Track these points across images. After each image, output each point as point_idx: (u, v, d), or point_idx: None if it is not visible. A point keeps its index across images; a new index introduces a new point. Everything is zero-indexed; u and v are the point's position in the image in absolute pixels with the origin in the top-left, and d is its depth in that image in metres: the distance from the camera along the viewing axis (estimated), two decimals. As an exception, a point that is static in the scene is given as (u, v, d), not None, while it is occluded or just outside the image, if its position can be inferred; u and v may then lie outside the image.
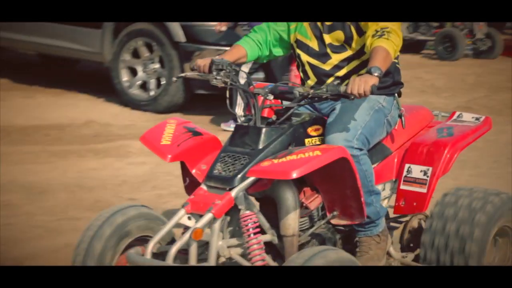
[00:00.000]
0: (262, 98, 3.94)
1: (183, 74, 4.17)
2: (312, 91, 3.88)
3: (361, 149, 3.99)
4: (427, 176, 4.26)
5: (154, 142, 4.01)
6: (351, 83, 3.76)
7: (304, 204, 4.05)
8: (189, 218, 3.77)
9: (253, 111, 3.94)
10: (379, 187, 4.34)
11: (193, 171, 4.02)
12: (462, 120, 4.56)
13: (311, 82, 4.25)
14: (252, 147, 3.85)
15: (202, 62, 4.19)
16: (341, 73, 4.17)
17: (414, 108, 4.64)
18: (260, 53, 4.38)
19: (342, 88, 3.79)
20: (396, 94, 4.31)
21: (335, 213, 3.98)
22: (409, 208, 4.30)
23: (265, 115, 3.93)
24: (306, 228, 4.06)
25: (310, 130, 3.99)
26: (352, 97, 3.76)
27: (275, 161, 3.67)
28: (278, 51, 4.41)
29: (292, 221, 3.88)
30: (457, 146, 4.29)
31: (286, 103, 3.99)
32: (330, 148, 3.76)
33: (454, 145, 4.28)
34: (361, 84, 3.74)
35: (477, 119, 4.54)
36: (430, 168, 4.26)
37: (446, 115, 4.71)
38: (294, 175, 3.58)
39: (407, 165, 4.33)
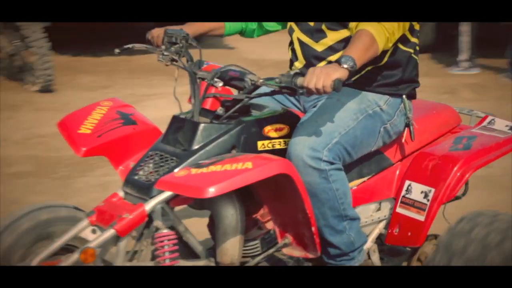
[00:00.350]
0: (206, 84, 3.08)
1: (129, 45, 3.34)
2: (261, 80, 2.99)
3: (332, 163, 3.06)
4: (428, 200, 3.27)
5: (71, 129, 3.21)
6: (309, 73, 2.84)
7: (258, 223, 3.19)
8: (93, 231, 2.99)
9: (192, 101, 3.09)
10: (373, 206, 3.41)
11: (119, 169, 3.21)
12: (492, 128, 3.52)
13: (299, 64, 3.35)
14: (184, 147, 3.00)
15: (157, 32, 3.38)
16: (335, 57, 3.24)
17: (435, 107, 3.64)
18: (243, 26, 3.53)
19: (299, 80, 2.87)
20: (404, 96, 3.32)
21: (286, 240, 3.09)
22: (402, 239, 3.33)
23: (207, 106, 3.07)
24: (258, 254, 3.20)
25: (268, 130, 3.09)
26: (301, 91, 2.84)
27: (193, 171, 2.81)
28: (271, 25, 3.56)
29: (231, 246, 3.02)
30: (471, 164, 3.27)
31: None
32: (267, 160, 2.86)
33: (467, 163, 3.27)
34: (320, 76, 2.81)
35: (511, 128, 3.50)
36: (433, 190, 3.27)
37: (482, 115, 3.68)
38: (210, 193, 2.71)
39: (407, 182, 3.36)
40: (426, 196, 3.28)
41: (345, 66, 2.84)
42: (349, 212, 3.16)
